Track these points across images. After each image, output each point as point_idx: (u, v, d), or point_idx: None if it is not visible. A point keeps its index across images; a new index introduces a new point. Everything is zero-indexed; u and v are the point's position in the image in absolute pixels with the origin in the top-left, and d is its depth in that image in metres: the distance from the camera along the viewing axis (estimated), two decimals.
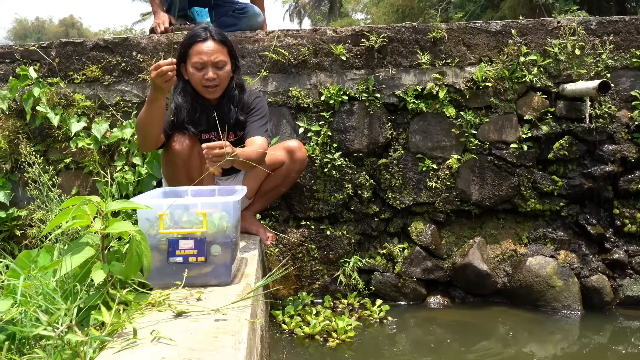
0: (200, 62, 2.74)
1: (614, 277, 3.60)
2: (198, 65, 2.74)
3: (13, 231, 3.59)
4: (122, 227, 1.66)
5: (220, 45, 2.77)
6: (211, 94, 2.83)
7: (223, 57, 2.77)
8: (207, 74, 2.75)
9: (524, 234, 3.72)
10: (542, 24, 3.65)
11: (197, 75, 2.76)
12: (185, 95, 2.84)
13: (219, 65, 2.77)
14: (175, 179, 2.82)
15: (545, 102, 3.63)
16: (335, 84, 3.62)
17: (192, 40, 2.77)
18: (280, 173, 3.07)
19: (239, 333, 1.47)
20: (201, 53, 2.73)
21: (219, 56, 2.76)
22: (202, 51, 2.73)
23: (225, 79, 2.82)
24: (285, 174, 3.09)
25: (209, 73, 2.74)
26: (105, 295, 1.63)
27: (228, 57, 2.82)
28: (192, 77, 2.79)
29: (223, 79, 2.80)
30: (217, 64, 2.76)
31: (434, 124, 3.66)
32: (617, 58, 3.63)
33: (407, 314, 3.48)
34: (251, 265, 2.34)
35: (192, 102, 2.85)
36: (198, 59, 2.73)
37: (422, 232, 3.66)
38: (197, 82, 2.79)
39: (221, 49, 2.77)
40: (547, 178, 3.66)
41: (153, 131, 2.66)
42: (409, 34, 3.63)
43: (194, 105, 2.85)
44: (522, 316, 3.41)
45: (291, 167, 3.10)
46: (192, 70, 2.76)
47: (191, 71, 2.77)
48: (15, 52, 3.66)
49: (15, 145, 3.60)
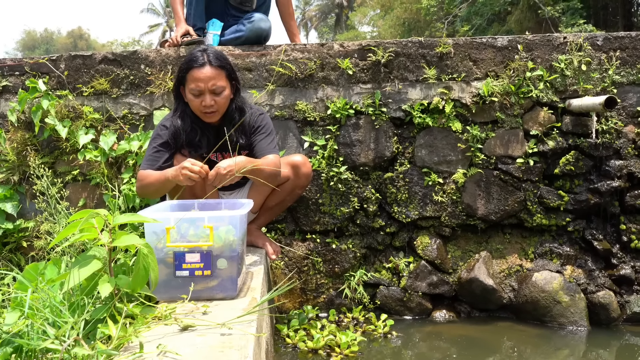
0: (197, 89, 2.68)
1: (621, 293, 3.58)
2: (195, 92, 2.69)
3: (20, 242, 3.61)
4: (129, 241, 1.67)
5: (218, 70, 2.70)
6: (210, 119, 2.78)
7: (221, 83, 2.71)
8: (205, 101, 2.69)
9: (530, 249, 3.71)
10: (549, 39, 3.66)
11: (195, 101, 2.71)
12: (185, 119, 2.79)
13: (217, 92, 2.71)
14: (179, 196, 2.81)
15: (552, 117, 3.64)
16: (341, 97, 3.64)
17: (189, 65, 2.69)
18: (285, 188, 3.06)
19: (244, 348, 1.47)
20: (198, 80, 2.66)
21: (217, 82, 2.69)
22: (199, 78, 2.66)
23: (223, 105, 2.77)
24: (290, 189, 3.10)
25: (206, 100, 2.69)
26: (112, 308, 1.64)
27: (227, 80, 2.75)
28: (190, 102, 2.75)
29: (221, 104, 2.75)
30: (214, 91, 2.70)
31: (440, 138, 3.66)
32: (624, 74, 3.64)
33: (412, 329, 3.47)
34: (257, 278, 2.35)
35: (192, 124, 2.80)
36: (195, 86, 2.67)
37: (428, 247, 3.66)
38: (195, 108, 2.75)
39: (219, 73, 2.70)
40: (554, 193, 3.65)
41: (159, 194, 2.74)
42: (416, 48, 3.65)
43: (194, 128, 2.80)
44: (528, 332, 3.39)
45: (296, 183, 3.09)
46: (190, 96, 2.71)
47: (189, 97, 2.72)
48: (24, 65, 3.69)
49: (24, 157, 3.63)
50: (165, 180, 2.56)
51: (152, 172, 2.68)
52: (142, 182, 2.69)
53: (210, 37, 3.78)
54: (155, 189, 2.67)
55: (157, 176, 2.63)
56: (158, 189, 2.66)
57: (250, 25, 3.72)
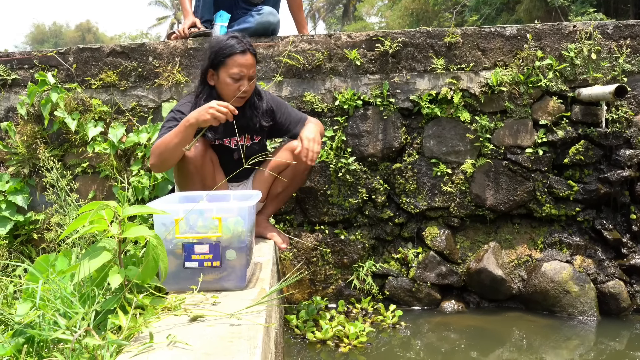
0: (240, 74, 2.78)
1: (631, 283, 3.57)
2: (236, 77, 2.78)
3: (31, 235, 3.64)
4: (139, 232, 1.68)
5: (255, 58, 2.84)
6: (239, 103, 2.84)
7: (255, 70, 2.87)
8: (243, 85, 2.80)
9: (540, 239, 3.70)
10: (558, 28, 3.63)
11: (233, 86, 2.79)
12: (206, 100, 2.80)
13: (252, 78, 2.84)
14: (188, 187, 2.81)
15: (561, 107, 3.61)
16: (349, 88, 3.63)
17: (230, 51, 2.77)
18: (286, 174, 3.04)
19: (254, 338, 1.48)
20: (242, 65, 2.78)
21: (254, 69, 2.85)
22: (243, 64, 2.78)
23: (251, 90, 2.90)
24: (292, 175, 3.07)
25: (245, 85, 2.81)
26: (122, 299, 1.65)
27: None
28: (225, 86, 2.81)
29: (251, 90, 2.88)
30: (252, 77, 2.83)
31: (449, 128, 3.65)
32: (634, 62, 3.60)
33: (421, 319, 3.47)
34: (266, 269, 2.35)
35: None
36: (238, 71, 2.77)
37: (437, 237, 3.65)
38: (230, 92, 2.81)
39: (255, 61, 2.85)
40: (563, 183, 3.63)
41: (178, 154, 2.65)
42: (424, 38, 3.64)
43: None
44: (538, 322, 3.39)
45: (297, 167, 3.05)
46: (229, 80, 2.79)
47: (227, 81, 2.79)
48: (33, 58, 3.71)
49: (34, 149, 3.65)
50: (184, 130, 2.54)
51: (160, 139, 2.68)
52: (155, 150, 2.67)
53: (217, 29, 3.77)
54: (171, 149, 2.61)
55: (173, 133, 2.60)
56: (174, 148, 2.60)
57: (259, 17, 3.70)
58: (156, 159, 2.67)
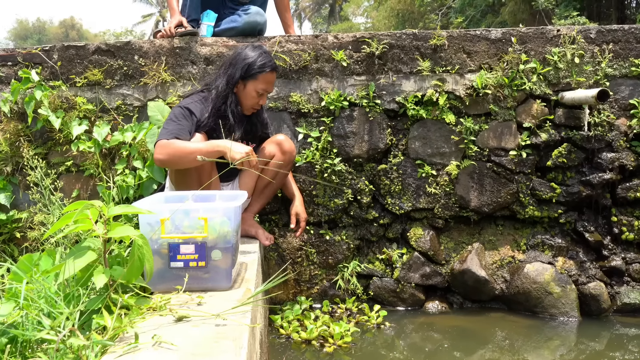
0: (266, 90, 3.00)
1: (612, 285, 3.62)
2: (261, 92, 2.98)
3: (13, 233, 3.60)
4: (124, 232, 1.67)
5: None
6: (250, 112, 3.09)
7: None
8: (262, 100, 3.04)
9: (522, 241, 3.74)
10: (542, 32, 3.67)
11: (256, 99, 3.00)
12: (230, 105, 2.97)
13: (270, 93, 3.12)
14: (186, 183, 2.82)
15: (545, 110, 3.65)
16: (335, 89, 3.64)
17: (265, 68, 2.95)
18: (271, 166, 3.12)
19: (239, 338, 1.48)
20: (269, 83, 3.00)
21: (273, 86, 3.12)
22: (270, 81, 3.00)
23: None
24: (276, 167, 3.14)
25: (264, 100, 3.05)
26: (107, 299, 1.65)
27: None
28: (250, 97, 3.00)
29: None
30: (270, 92, 3.09)
31: (434, 130, 3.67)
32: (616, 67, 3.65)
33: (405, 320, 3.49)
34: (251, 269, 2.36)
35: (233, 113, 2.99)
36: (265, 87, 2.98)
37: (421, 238, 3.68)
38: (251, 103, 3.02)
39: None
40: (546, 185, 3.67)
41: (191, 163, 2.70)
42: (410, 40, 3.66)
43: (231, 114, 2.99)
44: (520, 322, 3.43)
45: (281, 159, 3.16)
46: (254, 93, 2.98)
47: (252, 94, 2.98)
48: (17, 55, 3.67)
49: (17, 147, 3.62)
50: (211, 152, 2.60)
51: (183, 142, 2.71)
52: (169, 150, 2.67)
53: (204, 28, 3.77)
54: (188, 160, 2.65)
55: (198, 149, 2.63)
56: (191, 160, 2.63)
57: (246, 16, 3.70)
58: (167, 157, 2.69)
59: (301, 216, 3.30)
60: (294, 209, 3.31)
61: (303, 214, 3.32)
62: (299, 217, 3.30)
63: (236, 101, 2.99)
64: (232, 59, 3.00)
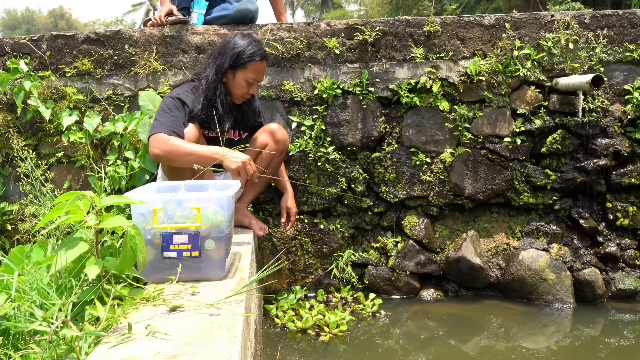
0: (255, 79, 2.92)
1: (606, 271, 3.63)
2: (251, 81, 2.91)
3: (4, 226, 3.57)
4: (116, 222, 1.65)
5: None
6: (240, 102, 3.01)
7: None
8: (252, 89, 2.95)
9: (517, 228, 3.74)
10: (536, 17, 3.65)
11: (245, 88, 2.92)
12: (222, 97, 2.91)
13: (260, 82, 3.07)
14: (179, 173, 2.79)
15: (539, 96, 3.64)
16: (328, 77, 3.61)
17: (254, 57, 2.86)
18: (264, 156, 3.10)
19: (233, 327, 1.47)
20: (259, 72, 2.91)
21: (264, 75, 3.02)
22: (260, 70, 2.91)
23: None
24: (269, 157, 3.12)
25: (254, 89, 2.96)
26: (99, 290, 1.63)
27: None
28: (239, 87, 2.92)
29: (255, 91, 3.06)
30: (260, 81, 3.02)
31: (428, 117, 3.66)
32: (611, 52, 3.64)
33: (400, 308, 3.49)
34: (245, 259, 2.34)
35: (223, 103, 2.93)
36: (255, 76, 2.90)
37: (416, 226, 3.67)
38: (241, 93, 2.94)
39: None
40: (540, 172, 3.67)
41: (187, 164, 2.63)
42: (403, 27, 3.63)
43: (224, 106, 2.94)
44: (515, 309, 3.43)
45: (274, 148, 3.13)
46: (244, 83, 2.90)
47: (242, 83, 2.90)
48: (5, 45, 3.62)
49: (6, 139, 3.57)
50: (208, 158, 2.55)
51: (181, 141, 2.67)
52: (166, 147, 2.64)
53: (194, 16, 3.73)
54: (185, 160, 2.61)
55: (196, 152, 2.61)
56: (187, 161, 2.58)
57: (237, 4, 3.66)
58: (163, 154, 2.66)
59: (292, 210, 3.28)
60: (285, 202, 3.29)
61: (294, 208, 3.29)
62: (290, 212, 3.28)
63: (225, 91, 2.92)
64: (221, 47, 2.93)
